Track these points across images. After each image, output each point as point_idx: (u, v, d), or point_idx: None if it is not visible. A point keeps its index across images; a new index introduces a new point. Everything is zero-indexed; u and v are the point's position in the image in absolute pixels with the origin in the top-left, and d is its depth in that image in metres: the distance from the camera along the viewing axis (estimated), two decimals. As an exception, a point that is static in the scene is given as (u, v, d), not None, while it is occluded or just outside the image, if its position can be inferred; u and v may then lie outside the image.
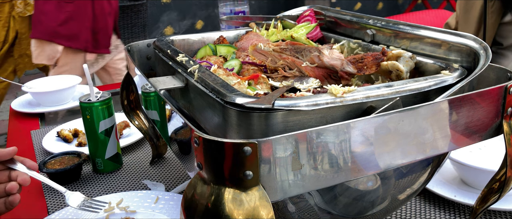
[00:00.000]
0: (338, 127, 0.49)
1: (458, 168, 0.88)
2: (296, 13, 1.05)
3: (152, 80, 0.71)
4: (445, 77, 0.61)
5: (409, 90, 0.57)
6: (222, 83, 0.57)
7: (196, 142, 0.48)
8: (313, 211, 0.62)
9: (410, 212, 0.84)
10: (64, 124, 1.37)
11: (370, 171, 0.53)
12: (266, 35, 0.98)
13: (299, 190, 0.49)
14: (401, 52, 0.70)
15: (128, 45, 0.93)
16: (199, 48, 0.94)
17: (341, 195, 0.61)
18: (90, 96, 1.06)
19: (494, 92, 0.58)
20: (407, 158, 0.55)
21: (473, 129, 0.59)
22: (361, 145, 0.51)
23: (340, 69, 0.68)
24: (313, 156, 0.49)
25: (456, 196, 0.84)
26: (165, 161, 1.15)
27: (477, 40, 0.65)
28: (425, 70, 0.70)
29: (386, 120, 0.51)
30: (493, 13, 1.61)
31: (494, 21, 1.62)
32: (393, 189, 0.65)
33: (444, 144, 0.57)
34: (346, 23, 0.91)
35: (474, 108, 0.57)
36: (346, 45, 0.87)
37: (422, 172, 0.66)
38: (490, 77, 0.68)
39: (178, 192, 0.96)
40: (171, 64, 0.76)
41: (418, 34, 0.73)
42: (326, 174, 0.50)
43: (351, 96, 0.54)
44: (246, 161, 0.46)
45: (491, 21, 1.62)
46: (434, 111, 0.54)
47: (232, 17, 1.20)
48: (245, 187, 0.47)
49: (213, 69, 0.69)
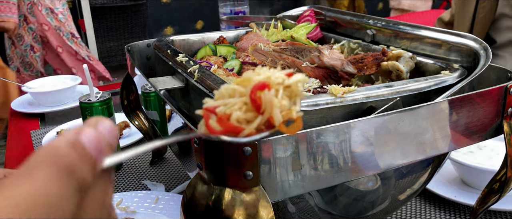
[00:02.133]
0: (338, 127, 0.49)
1: (458, 168, 0.88)
2: (296, 13, 1.05)
3: (152, 80, 0.71)
4: (445, 77, 0.61)
5: (409, 90, 0.57)
6: (222, 83, 0.57)
7: (196, 142, 0.48)
8: (313, 212, 0.62)
9: (410, 213, 0.84)
10: (64, 124, 1.37)
11: (370, 172, 0.53)
12: (266, 35, 0.98)
13: (299, 191, 0.49)
14: (401, 52, 0.70)
15: (128, 45, 0.93)
16: (199, 48, 0.94)
17: (341, 196, 0.61)
18: (90, 96, 1.06)
19: (494, 92, 0.58)
20: (407, 158, 0.55)
21: (473, 129, 0.59)
22: (361, 145, 0.51)
23: (340, 69, 0.68)
24: (313, 156, 0.49)
25: (456, 197, 0.84)
26: (165, 161, 1.14)
27: (477, 40, 0.65)
28: (425, 70, 0.70)
29: (386, 120, 0.51)
30: (484, 8, 1.62)
31: (484, 16, 1.63)
32: (393, 189, 0.65)
33: (444, 144, 0.57)
34: (346, 23, 0.91)
35: (474, 108, 0.57)
36: (346, 45, 0.87)
37: (422, 172, 0.66)
38: (490, 77, 0.68)
39: (178, 192, 0.96)
40: (171, 64, 0.76)
41: (418, 34, 0.73)
42: (326, 175, 0.50)
43: (351, 96, 0.54)
44: (246, 162, 0.46)
45: (481, 15, 1.63)
46: (434, 111, 0.54)
47: (232, 17, 1.20)
48: (245, 187, 0.47)
49: (213, 69, 0.69)
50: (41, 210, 0.18)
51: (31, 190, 0.19)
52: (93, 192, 0.22)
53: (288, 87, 0.37)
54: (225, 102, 0.38)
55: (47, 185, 0.19)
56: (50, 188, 0.19)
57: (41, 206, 0.19)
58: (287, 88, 0.37)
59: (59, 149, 0.21)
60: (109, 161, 0.23)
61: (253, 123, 0.37)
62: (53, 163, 0.20)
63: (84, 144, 0.22)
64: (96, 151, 0.22)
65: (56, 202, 0.19)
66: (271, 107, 0.36)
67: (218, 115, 0.37)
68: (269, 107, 0.36)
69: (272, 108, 0.36)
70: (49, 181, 0.19)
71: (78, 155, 0.21)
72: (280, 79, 0.37)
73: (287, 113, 0.37)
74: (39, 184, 0.19)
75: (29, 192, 0.19)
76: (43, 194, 0.19)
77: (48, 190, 0.19)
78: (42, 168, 0.20)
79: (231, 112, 0.37)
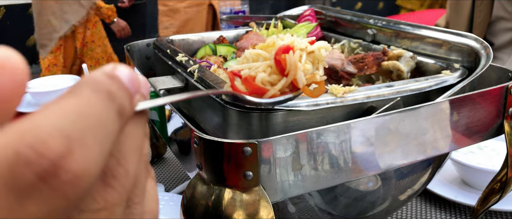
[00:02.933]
0: (338, 128, 0.49)
1: (459, 168, 0.88)
2: (296, 12, 1.05)
3: (151, 80, 0.71)
4: (446, 77, 0.60)
5: (410, 90, 0.57)
6: (222, 83, 0.57)
7: (196, 143, 0.48)
8: (314, 212, 0.62)
9: (410, 213, 0.84)
10: (64, 124, 1.36)
11: (371, 172, 0.53)
12: (266, 34, 0.98)
13: (299, 191, 0.49)
14: (402, 52, 0.70)
15: (127, 45, 0.92)
16: (199, 48, 0.94)
17: (341, 196, 0.61)
18: (89, 96, 1.06)
19: (495, 92, 0.58)
20: (408, 158, 0.54)
21: (474, 129, 0.59)
22: (361, 146, 0.50)
23: (341, 69, 0.68)
24: (314, 156, 0.48)
25: (457, 197, 0.84)
26: (164, 161, 1.14)
27: (478, 40, 0.64)
28: (426, 70, 0.70)
29: (387, 120, 0.51)
30: (481, 12, 1.62)
31: (482, 20, 1.62)
32: (394, 189, 0.65)
33: (445, 144, 0.57)
34: (347, 23, 0.90)
35: (475, 108, 0.57)
36: (346, 45, 0.87)
37: (423, 172, 0.66)
38: (491, 77, 0.67)
39: (178, 192, 0.96)
40: (170, 64, 0.75)
41: (419, 34, 0.73)
42: (326, 175, 0.50)
43: (351, 96, 0.53)
44: (246, 162, 0.45)
45: (479, 20, 1.62)
46: (435, 111, 0.54)
47: (232, 17, 1.20)
48: (245, 187, 0.47)
49: (213, 69, 0.69)
50: (90, 122, 0.19)
51: (78, 104, 0.19)
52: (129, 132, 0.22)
53: (311, 53, 0.38)
54: (249, 66, 0.38)
55: (93, 101, 0.19)
56: (95, 104, 0.19)
57: (90, 117, 0.19)
58: (310, 53, 0.38)
59: (98, 77, 0.21)
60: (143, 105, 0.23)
61: (278, 84, 0.37)
62: (94, 87, 0.20)
63: (121, 78, 0.22)
64: (131, 86, 0.22)
65: (102, 118, 0.19)
66: (295, 69, 0.37)
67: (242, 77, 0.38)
68: (293, 69, 0.37)
69: (296, 70, 0.37)
70: (94, 98, 0.19)
71: (117, 83, 0.21)
72: (303, 45, 0.38)
73: (311, 76, 0.38)
74: (85, 99, 0.19)
75: (76, 105, 0.19)
76: (90, 107, 0.19)
77: (94, 105, 0.19)
78: (85, 89, 0.20)
79: (255, 74, 0.38)
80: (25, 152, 0.16)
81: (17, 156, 0.16)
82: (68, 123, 0.18)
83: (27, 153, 0.16)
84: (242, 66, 0.39)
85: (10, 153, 0.16)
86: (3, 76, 0.18)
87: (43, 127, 0.17)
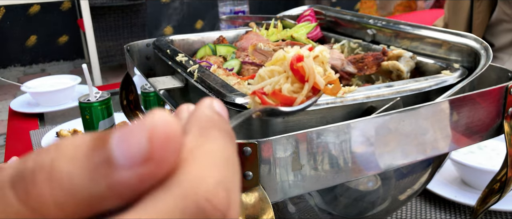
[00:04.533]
0: (338, 128, 0.49)
1: (459, 168, 0.88)
2: (296, 12, 1.05)
3: (151, 80, 0.71)
4: (446, 77, 0.60)
5: (410, 90, 0.57)
6: (221, 83, 0.57)
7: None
8: (313, 212, 0.62)
9: (410, 213, 0.84)
10: (63, 124, 1.36)
11: (371, 172, 0.53)
12: (266, 34, 0.98)
13: (299, 191, 0.49)
14: (402, 52, 0.70)
15: (127, 45, 0.92)
16: (199, 48, 0.94)
17: (341, 196, 0.61)
18: (89, 96, 1.06)
19: (495, 92, 0.58)
20: (407, 158, 0.54)
21: (474, 129, 0.59)
22: (361, 146, 0.51)
23: (341, 69, 0.68)
24: (314, 156, 0.48)
25: (456, 197, 0.84)
26: (164, 161, 1.14)
27: (478, 40, 0.64)
28: (426, 70, 0.70)
29: (386, 120, 0.51)
30: (479, 13, 1.61)
31: (480, 22, 1.62)
32: (394, 189, 0.65)
33: (444, 144, 0.57)
34: (347, 23, 0.90)
35: (475, 108, 0.57)
36: (346, 45, 0.87)
37: (422, 172, 0.66)
38: (490, 77, 0.67)
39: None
40: (170, 64, 0.75)
41: (418, 34, 0.73)
42: (326, 175, 0.50)
43: (351, 96, 0.53)
44: (246, 162, 0.45)
45: (478, 21, 1.62)
46: (434, 111, 0.54)
47: (232, 17, 1.20)
48: (245, 187, 0.47)
49: (212, 69, 0.69)
50: (233, 169, 0.19)
51: (217, 150, 0.19)
52: None
53: (316, 57, 0.41)
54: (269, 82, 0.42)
55: (227, 145, 0.20)
56: (228, 147, 0.20)
57: (231, 164, 0.19)
58: (315, 58, 0.41)
59: (212, 116, 0.21)
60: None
61: (303, 90, 0.41)
62: (218, 127, 0.20)
63: (222, 113, 0.22)
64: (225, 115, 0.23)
65: (236, 159, 0.20)
66: (313, 73, 0.40)
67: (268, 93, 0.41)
68: (312, 73, 0.40)
69: (314, 74, 0.40)
70: (225, 142, 0.20)
71: (224, 119, 0.22)
72: (307, 53, 0.41)
73: (327, 76, 0.41)
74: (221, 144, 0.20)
75: (217, 152, 0.19)
76: (227, 151, 0.20)
77: (228, 149, 0.20)
78: (213, 131, 0.20)
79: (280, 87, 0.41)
80: (204, 205, 0.17)
81: (197, 209, 0.17)
82: (222, 174, 0.19)
83: (206, 206, 0.17)
84: (263, 84, 0.42)
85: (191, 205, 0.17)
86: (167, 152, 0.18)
87: (207, 178, 0.18)
